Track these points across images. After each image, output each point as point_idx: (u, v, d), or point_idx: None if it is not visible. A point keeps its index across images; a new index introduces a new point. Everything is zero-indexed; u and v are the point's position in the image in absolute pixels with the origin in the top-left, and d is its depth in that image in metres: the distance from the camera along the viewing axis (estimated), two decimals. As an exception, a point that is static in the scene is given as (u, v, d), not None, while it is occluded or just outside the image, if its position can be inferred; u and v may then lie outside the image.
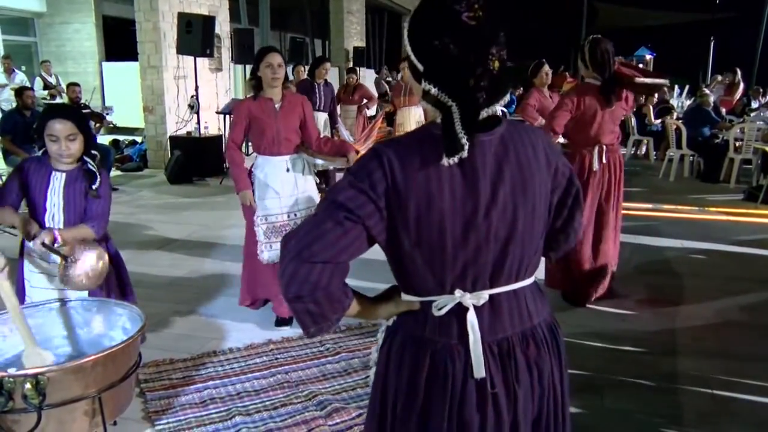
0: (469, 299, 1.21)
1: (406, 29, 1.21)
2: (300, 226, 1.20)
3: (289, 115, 3.51)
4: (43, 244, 2.27)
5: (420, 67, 1.18)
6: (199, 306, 3.90)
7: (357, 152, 3.60)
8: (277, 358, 3.17)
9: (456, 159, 1.14)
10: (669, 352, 3.30)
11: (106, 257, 2.41)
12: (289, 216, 3.52)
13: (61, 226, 2.46)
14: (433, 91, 1.15)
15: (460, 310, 1.22)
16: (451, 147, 1.13)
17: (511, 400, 1.24)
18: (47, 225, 2.46)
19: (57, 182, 2.46)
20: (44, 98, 10.64)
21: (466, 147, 1.13)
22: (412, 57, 1.20)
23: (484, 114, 1.16)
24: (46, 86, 11.03)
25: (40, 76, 11.45)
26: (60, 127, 2.36)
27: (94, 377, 1.93)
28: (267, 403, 2.75)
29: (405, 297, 1.29)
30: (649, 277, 4.50)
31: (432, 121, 1.21)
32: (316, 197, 3.66)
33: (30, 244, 2.40)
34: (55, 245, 2.30)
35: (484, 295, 1.22)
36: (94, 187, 2.46)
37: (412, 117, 7.80)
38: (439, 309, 1.22)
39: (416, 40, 1.18)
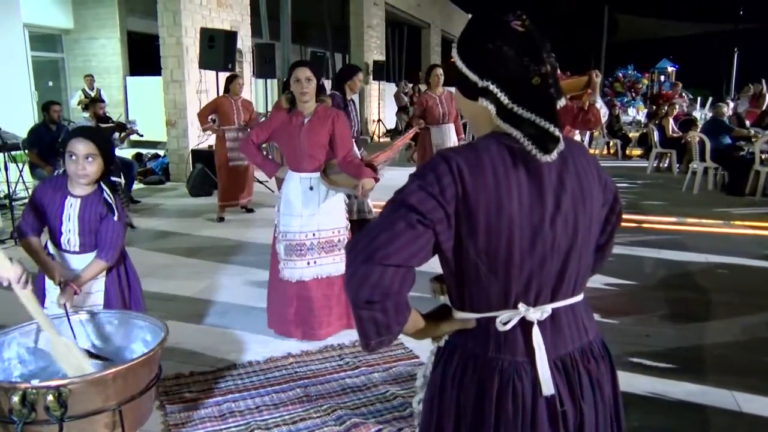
0: (533, 314, 1.19)
1: (456, 48, 1.22)
2: (368, 228, 1.17)
3: (315, 131, 3.39)
4: (64, 305, 2.33)
5: (472, 75, 1.18)
6: (218, 319, 3.91)
7: (377, 180, 3.42)
8: (296, 372, 3.16)
9: (555, 155, 1.15)
10: (694, 368, 3.23)
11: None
12: (307, 236, 3.45)
13: (78, 249, 2.50)
14: (491, 87, 1.16)
15: (523, 325, 1.20)
16: (544, 143, 1.15)
17: (578, 416, 1.23)
18: (63, 247, 2.50)
19: (71, 209, 2.46)
20: (82, 105, 10.92)
21: (562, 138, 1.16)
22: (464, 68, 1.20)
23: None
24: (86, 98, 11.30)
25: (82, 90, 11.76)
26: (80, 146, 2.36)
27: (115, 389, 1.94)
28: (286, 417, 2.74)
29: (459, 315, 1.26)
30: (673, 292, 4.43)
31: (494, 130, 1.21)
32: (343, 220, 3.56)
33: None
34: (76, 296, 2.39)
35: (547, 309, 1.21)
36: (115, 218, 2.46)
37: (452, 135, 6.80)
38: (504, 324, 1.20)
39: (467, 49, 1.20)
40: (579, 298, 1.28)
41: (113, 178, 2.51)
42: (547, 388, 1.19)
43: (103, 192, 2.47)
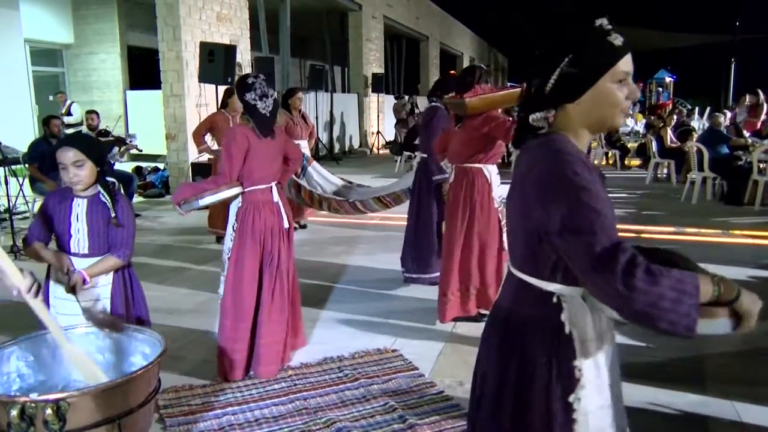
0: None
1: None
2: None
3: None
4: (73, 289, 2.35)
5: None
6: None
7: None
8: (295, 384, 3.16)
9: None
10: (695, 380, 3.22)
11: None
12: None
13: (87, 252, 2.50)
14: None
15: None
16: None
17: None
18: (73, 251, 2.50)
19: (79, 209, 2.48)
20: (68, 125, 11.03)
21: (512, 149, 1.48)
22: None
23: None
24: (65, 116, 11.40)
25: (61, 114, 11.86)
26: (66, 154, 2.39)
27: (114, 403, 1.94)
28: (285, 430, 2.74)
29: None
30: (673, 302, 4.41)
31: None
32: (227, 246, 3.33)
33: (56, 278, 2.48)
34: (86, 285, 2.39)
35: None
36: (113, 216, 2.48)
37: None
38: None
39: None
40: (514, 270, 1.48)
41: (108, 179, 2.54)
42: None
43: (100, 194, 2.49)
